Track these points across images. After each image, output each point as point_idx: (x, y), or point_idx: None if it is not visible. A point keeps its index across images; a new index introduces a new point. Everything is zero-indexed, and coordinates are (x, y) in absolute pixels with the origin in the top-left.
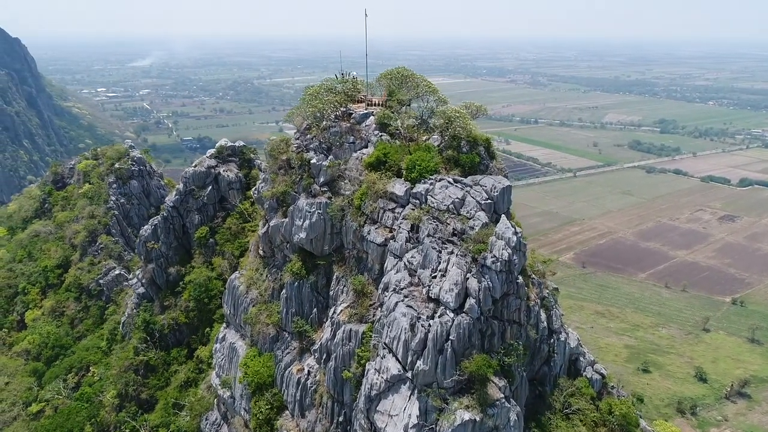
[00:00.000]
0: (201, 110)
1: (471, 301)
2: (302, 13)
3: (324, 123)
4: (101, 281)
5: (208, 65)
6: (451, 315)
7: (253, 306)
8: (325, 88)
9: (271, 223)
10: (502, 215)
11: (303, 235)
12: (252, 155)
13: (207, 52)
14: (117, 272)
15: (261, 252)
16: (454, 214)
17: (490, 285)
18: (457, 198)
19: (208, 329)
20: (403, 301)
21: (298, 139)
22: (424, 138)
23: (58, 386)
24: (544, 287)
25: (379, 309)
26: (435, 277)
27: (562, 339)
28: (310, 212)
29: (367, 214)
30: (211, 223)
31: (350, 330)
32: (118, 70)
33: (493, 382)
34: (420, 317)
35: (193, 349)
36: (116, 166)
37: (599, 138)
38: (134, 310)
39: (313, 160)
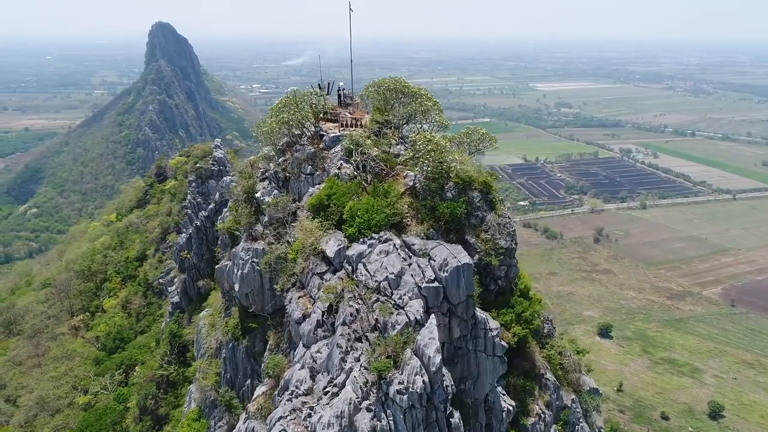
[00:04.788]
0: None
1: None
2: (445, 15)
3: (296, 146)
4: (161, 280)
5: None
6: None
7: (207, 356)
8: (284, 103)
9: (218, 265)
10: (431, 316)
11: (237, 286)
12: None
13: (354, 53)
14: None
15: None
16: (386, 296)
17: (391, 427)
18: (393, 273)
19: None
20: (286, 418)
21: (271, 162)
22: (403, 175)
23: (106, 381)
24: (567, 391)
25: None
26: (328, 392)
27: None
28: (244, 260)
29: (297, 275)
30: None
31: (252, 428)
32: (273, 68)
33: None
34: None
35: None
36: (198, 165)
37: None
38: (168, 319)
39: (258, 194)
